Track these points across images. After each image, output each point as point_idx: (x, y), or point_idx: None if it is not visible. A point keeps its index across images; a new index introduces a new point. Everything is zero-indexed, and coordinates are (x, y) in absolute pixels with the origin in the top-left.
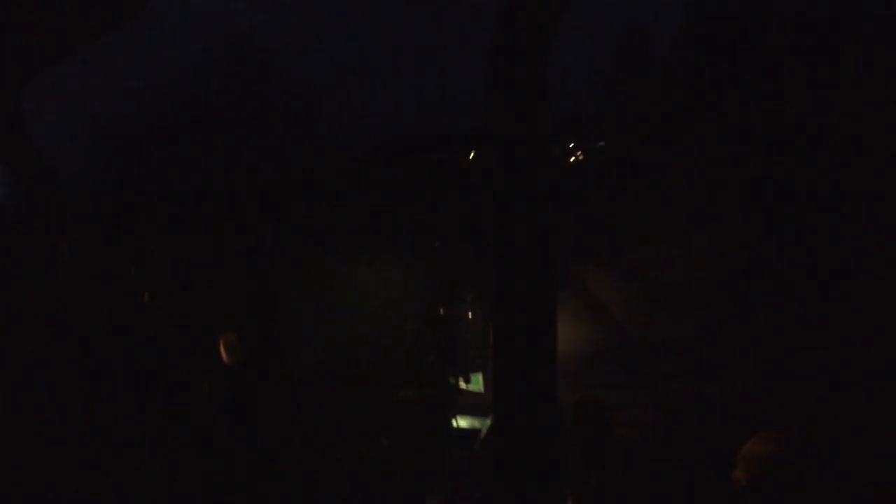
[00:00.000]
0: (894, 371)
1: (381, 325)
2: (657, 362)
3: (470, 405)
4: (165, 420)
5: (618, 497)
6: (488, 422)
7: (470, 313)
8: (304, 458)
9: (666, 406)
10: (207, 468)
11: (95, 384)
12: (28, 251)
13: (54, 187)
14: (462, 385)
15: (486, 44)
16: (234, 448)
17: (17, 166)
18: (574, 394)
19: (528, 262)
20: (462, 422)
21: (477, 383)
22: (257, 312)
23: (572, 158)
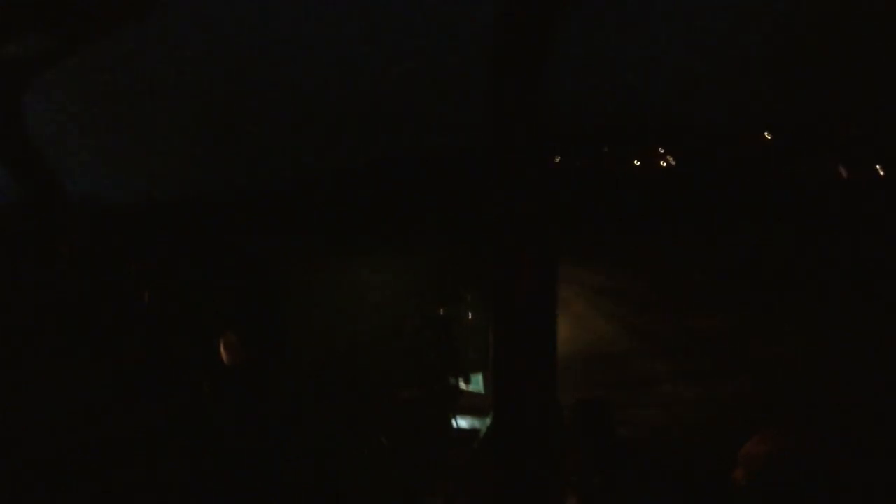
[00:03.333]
0: (892, 371)
1: (381, 325)
2: (656, 363)
3: (470, 405)
4: (166, 420)
5: (618, 497)
6: (488, 422)
7: (470, 313)
8: (304, 457)
9: (666, 406)
10: (208, 468)
11: (96, 384)
12: (29, 253)
13: (56, 189)
14: (462, 385)
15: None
16: (235, 448)
17: (18, 168)
18: (574, 394)
19: (528, 262)
20: (462, 422)
21: (477, 383)
22: (257, 312)
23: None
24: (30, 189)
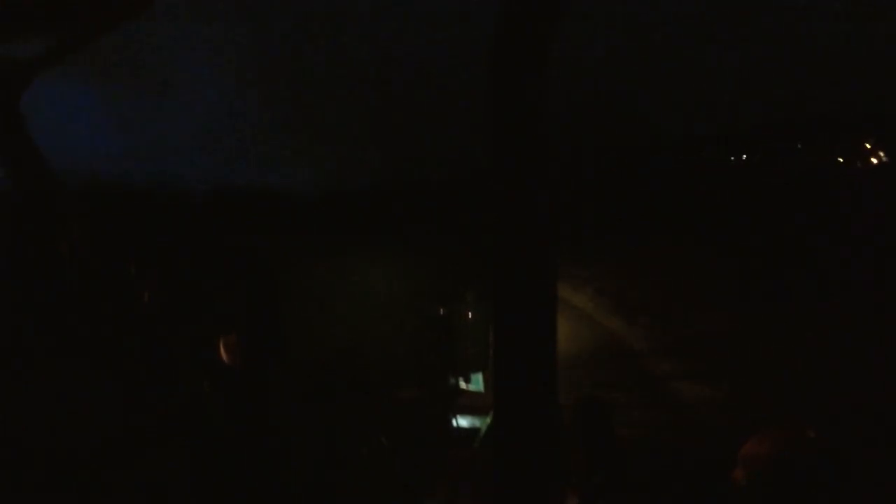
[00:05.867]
0: (892, 371)
1: (381, 325)
2: (657, 362)
3: (470, 405)
4: (165, 421)
5: (618, 497)
6: (488, 422)
7: (470, 313)
8: (304, 458)
9: (666, 406)
10: (207, 469)
11: (94, 384)
12: (27, 251)
13: (54, 186)
14: (462, 385)
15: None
16: (235, 449)
17: (17, 165)
18: (574, 394)
19: (529, 262)
20: (462, 422)
21: (477, 383)
22: (257, 312)
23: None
24: (30, 190)
